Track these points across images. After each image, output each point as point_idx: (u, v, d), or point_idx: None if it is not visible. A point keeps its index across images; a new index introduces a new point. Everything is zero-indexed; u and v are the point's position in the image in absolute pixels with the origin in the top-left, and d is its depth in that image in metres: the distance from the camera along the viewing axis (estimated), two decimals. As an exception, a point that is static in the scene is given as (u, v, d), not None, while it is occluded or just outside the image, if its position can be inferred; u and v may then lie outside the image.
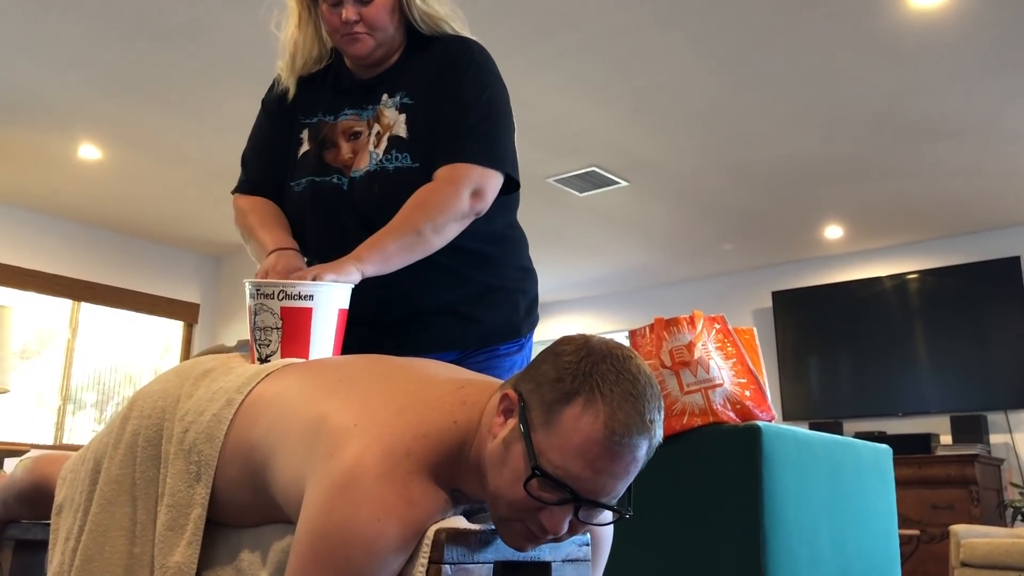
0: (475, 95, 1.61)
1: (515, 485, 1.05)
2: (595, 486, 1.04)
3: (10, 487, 1.66)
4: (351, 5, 1.60)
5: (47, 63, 4.18)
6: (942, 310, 6.33)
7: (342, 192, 1.62)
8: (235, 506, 1.25)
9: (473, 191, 1.53)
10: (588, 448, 1.03)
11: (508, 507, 1.07)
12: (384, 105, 1.66)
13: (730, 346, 2.48)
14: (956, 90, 4.26)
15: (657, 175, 5.39)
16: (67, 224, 6.54)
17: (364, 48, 1.63)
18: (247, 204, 1.71)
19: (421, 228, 1.49)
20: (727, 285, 7.47)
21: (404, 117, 1.63)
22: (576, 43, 3.89)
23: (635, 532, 2.32)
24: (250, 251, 1.68)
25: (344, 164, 1.64)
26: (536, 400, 1.08)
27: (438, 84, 1.63)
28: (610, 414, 1.04)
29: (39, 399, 6.47)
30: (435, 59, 1.66)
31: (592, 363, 1.08)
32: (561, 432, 1.04)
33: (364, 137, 1.65)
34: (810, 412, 6.77)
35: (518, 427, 1.08)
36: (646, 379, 1.09)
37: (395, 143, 1.61)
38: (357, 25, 1.61)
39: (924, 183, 5.45)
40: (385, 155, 1.61)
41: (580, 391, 1.05)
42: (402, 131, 1.62)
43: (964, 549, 4.64)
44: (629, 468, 1.05)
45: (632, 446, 1.04)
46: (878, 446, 2.74)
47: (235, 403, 1.27)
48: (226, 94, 4.42)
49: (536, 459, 1.04)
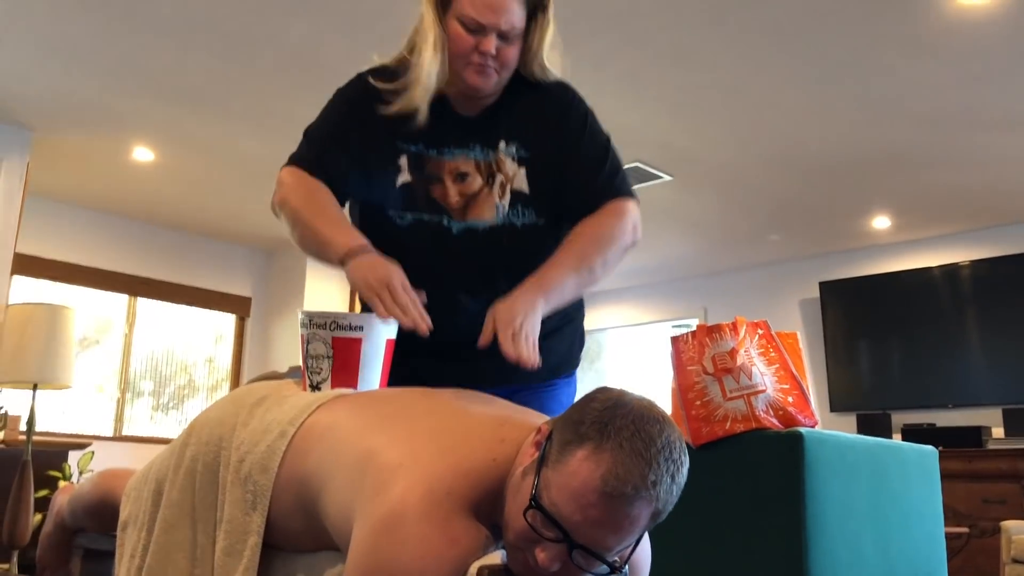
0: (603, 139, 1.65)
1: (520, 513, 1.09)
2: (587, 533, 1.06)
3: (78, 499, 1.75)
4: (494, 38, 1.54)
5: (102, 71, 4.31)
6: (994, 300, 6.23)
7: (451, 236, 1.59)
8: (289, 532, 1.31)
9: (634, 224, 1.60)
10: (583, 494, 1.05)
11: (513, 534, 1.11)
12: (502, 153, 1.62)
13: (773, 351, 2.49)
14: (1003, 83, 4.19)
15: (702, 169, 5.38)
16: (123, 222, 6.72)
17: (489, 84, 1.58)
18: (306, 181, 1.59)
19: (594, 265, 1.54)
20: (774, 275, 7.43)
21: (524, 171, 1.61)
22: (621, 41, 3.91)
23: (677, 537, 2.36)
24: (296, 230, 1.57)
25: (452, 207, 1.60)
26: (557, 438, 1.12)
27: (554, 139, 1.62)
28: (610, 467, 1.05)
29: (99, 388, 6.68)
30: (542, 108, 1.64)
31: (614, 415, 1.10)
32: (564, 471, 1.07)
33: (475, 182, 1.61)
34: (859, 404, 6.72)
35: (536, 459, 1.12)
36: (665, 443, 1.09)
37: (519, 197, 1.61)
38: (492, 59, 1.56)
39: (973, 173, 5.37)
40: (511, 209, 1.60)
41: (592, 438, 1.08)
42: (524, 186, 1.61)
43: (1015, 545, 4.60)
44: (622, 525, 1.06)
45: (626, 503, 1.05)
46: (923, 447, 2.74)
47: (288, 435, 1.32)
48: (273, 97, 4.52)
49: (538, 492, 1.08)
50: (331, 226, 1.52)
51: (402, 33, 1.78)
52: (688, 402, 2.41)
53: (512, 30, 1.56)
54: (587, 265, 1.53)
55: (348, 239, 1.49)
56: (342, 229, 1.52)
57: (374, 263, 1.44)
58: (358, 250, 1.47)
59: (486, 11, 1.53)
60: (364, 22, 3.75)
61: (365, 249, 1.48)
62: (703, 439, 2.35)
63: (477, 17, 1.53)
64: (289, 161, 1.64)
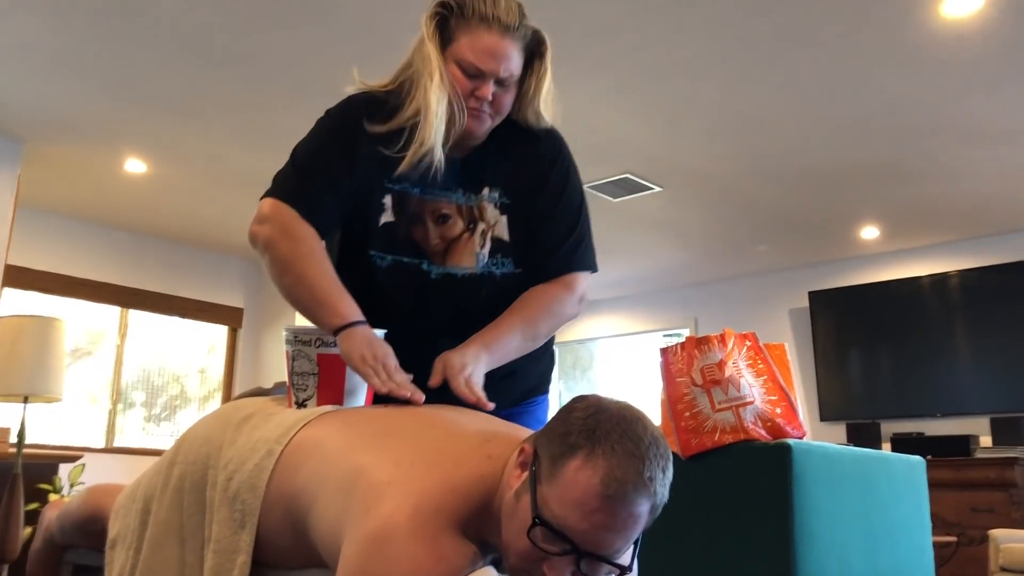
0: (578, 201, 1.68)
1: (521, 535, 1.10)
2: (594, 539, 1.07)
3: (67, 515, 1.76)
4: (492, 84, 1.54)
5: (93, 83, 4.32)
6: (981, 310, 6.28)
7: (429, 280, 1.60)
8: (278, 549, 1.32)
9: (581, 296, 1.66)
10: (585, 501, 1.07)
11: (516, 556, 1.12)
12: (484, 199, 1.62)
13: (761, 363, 2.51)
14: (989, 97, 4.24)
15: (691, 180, 5.42)
16: (115, 234, 6.72)
17: (482, 128, 1.58)
18: (295, 227, 1.53)
19: (539, 332, 1.59)
20: (763, 285, 7.46)
21: (505, 219, 1.62)
22: (611, 54, 3.94)
23: (667, 548, 2.37)
24: (285, 280, 1.52)
25: (432, 250, 1.60)
26: (545, 454, 1.13)
27: (537, 188, 1.64)
28: (608, 470, 1.08)
29: (92, 399, 6.66)
30: (529, 157, 1.65)
31: (598, 421, 1.12)
32: (562, 484, 1.09)
33: (456, 226, 1.61)
34: (848, 413, 6.75)
35: (528, 479, 1.13)
36: (651, 440, 1.12)
37: (499, 246, 1.62)
38: (488, 104, 1.56)
39: (960, 185, 5.42)
40: (491, 258, 1.61)
41: (583, 446, 1.10)
42: (504, 234, 1.62)
43: (1003, 554, 4.62)
44: (627, 524, 1.08)
45: (628, 502, 1.07)
46: (911, 458, 2.76)
47: (275, 453, 1.33)
48: (264, 110, 4.54)
49: (538, 509, 1.09)
50: (330, 291, 1.49)
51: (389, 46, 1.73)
52: (677, 413, 2.43)
53: (510, 77, 1.56)
54: (532, 331, 1.57)
55: (348, 310, 1.47)
56: (342, 297, 1.49)
57: (371, 339, 1.45)
58: (356, 323, 1.46)
59: (486, 58, 1.53)
60: (353, 35, 3.77)
61: (363, 323, 1.47)
62: (692, 450, 2.37)
63: (477, 63, 1.52)
64: (274, 190, 1.58)
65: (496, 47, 1.53)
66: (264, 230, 1.54)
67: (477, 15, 1.53)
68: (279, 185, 1.59)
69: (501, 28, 1.53)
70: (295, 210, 1.54)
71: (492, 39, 1.53)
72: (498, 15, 1.53)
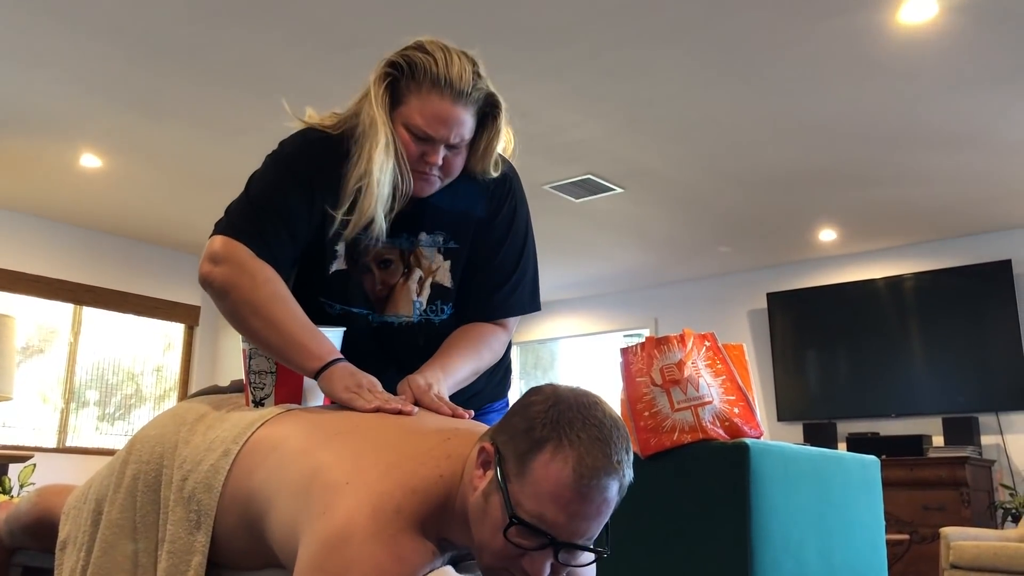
0: (519, 245, 1.65)
1: (496, 535, 1.10)
2: (570, 529, 1.08)
3: (16, 518, 1.71)
4: (442, 150, 1.49)
5: (49, 76, 4.24)
6: (935, 312, 6.40)
7: (371, 328, 1.57)
8: (234, 550, 1.30)
9: (508, 340, 1.69)
10: (560, 493, 1.07)
11: (492, 556, 1.12)
12: (423, 244, 1.57)
13: (719, 363, 2.54)
14: (944, 102, 4.32)
15: (652, 182, 5.45)
16: (69, 229, 6.60)
17: (430, 190, 1.53)
18: (254, 268, 1.45)
19: (481, 368, 1.59)
20: (723, 286, 7.54)
21: (448, 264, 1.59)
22: (573, 56, 3.95)
23: (624, 546, 2.39)
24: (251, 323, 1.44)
25: (377, 297, 1.58)
26: (510, 451, 1.13)
27: (484, 231, 1.60)
28: (578, 459, 1.08)
29: (43, 397, 6.53)
30: (476, 197, 1.60)
31: (559, 411, 1.12)
32: (533, 480, 1.09)
33: (397, 271, 1.57)
34: (805, 413, 6.84)
35: (495, 479, 1.12)
36: (612, 422, 1.14)
37: (439, 292, 1.59)
38: (436, 169, 1.51)
39: (916, 189, 5.52)
40: (430, 305, 1.58)
41: (549, 439, 1.10)
42: (446, 279, 1.59)
43: (954, 551, 4.72)
44: (601, 509, 1.10)
45: (602, 488, 1.09)
46: (865, 457, 2.80)
47: (232, 454, 1.31)
48: (221, 105, 4.49)
49: (512, 508, 1.09)
50: (301, 333, 1.43)
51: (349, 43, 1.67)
52: (637, 413, 2.45)
53: (461, 142, 1.50)
54: (477, 365, 1.58)
55: (323, 350, 1.42)
56: (314, 337, 1.44)
57: (352, 372, 1.41)
58: (334, 362, 1.42)
59: (437, 124, 1.46)
60: (313, 31, 3.74)
61: (340, 360, 1.43)
62: (651, 450, 2.38)
63: (426, 129, 1.46)
64: (227, 226, 1.49)
65: (448, 114, 1.46)
66: (221, 272, 1.45)
67: (429, 79, 1.45)
68: (233, 221, 1.49)
69: (453, 94, 1.46)
70: (251, 249, 1.46)
71: (443, 105, 1.46)
72: (451, 79, 1.46)
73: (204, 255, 1.48)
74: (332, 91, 4.19)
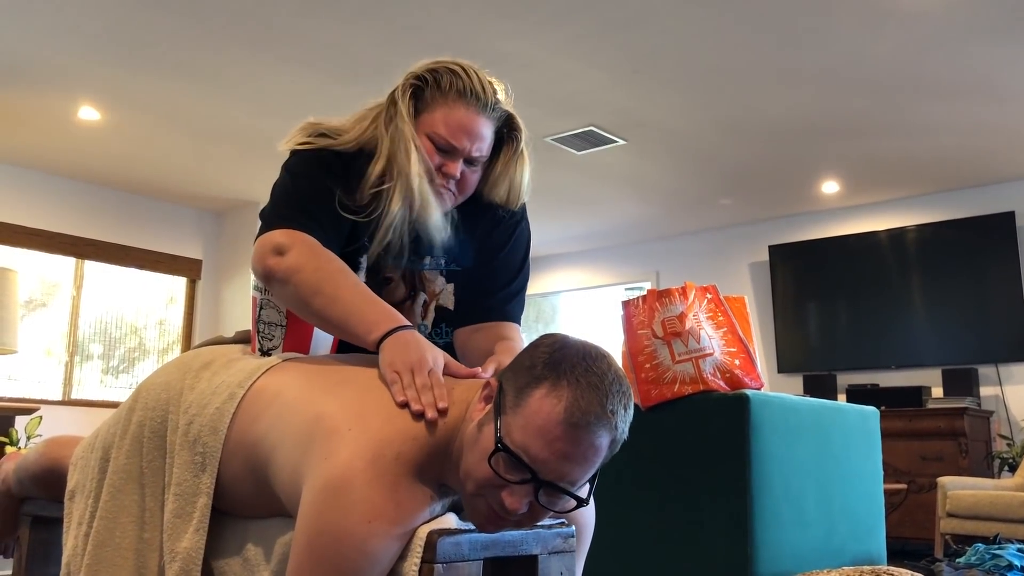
0: (523, 259, 1.65)
1: (482, 462, 1.13)
2: (554, 468, 1.10)
3: (25, 468, 1.74)
4: (461, 163, 1.50)
5: (46, 27, 4.19)
6: (937, 264, 6.40)
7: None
8: (240, 498, 1.33)
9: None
10: (548, 429, 1.09)
11: (474, 484, 1.14)
12: (427, 268, 1.57)
13: (721, 315, 2.54)
14: (949, 52, 4.27)
15: (654, 133, 5.42)
16: (69, 183, 6.58)
17: (446, 206, 1.52)
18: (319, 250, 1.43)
19: None
20: (724, 239, 7.52)
21: (452, 287, 1.59)
22: (574, 5, 3.90)
23: (625, 495, 2.42)
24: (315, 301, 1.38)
25: None
26: (510, 386, 1.16)
27: (488, 255, 1.60)
28: (572, 400, 1.10)
29: (47, 351, 6.57)
30: (483, 222, 1.60)
31: (564, 355, 1.15)
32: (525, 412, 1.11)
33: (398, 290, 1.56)
34: (806, 365, 6.87)
35: (492, 409, 1.15)
36: (614, 376, 1.15)
37: (443, 315, 1.59)
38: (454, 183, 1.51)
39: (919, 140, 5.48)
40: (434, 328, 1.58)
41: (548, 377, 1.13)
42: (450, 302, 1.59)
43: (950, 500, 4.78)
44: (587, 455, 1.11)
45: (590, 431, 1.10)
46: (865, 408, 2.82)
47: (237, 397, 1.33)
48: (224, 57, 4.44)
49: (501, 437, 1.11)
50: (363, 302, 1.38)
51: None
52: (638, 365, 2.46)
53: (480, 157, 1.52)
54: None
55: (384, 320, 1.36)
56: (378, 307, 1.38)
57: (408, 343, 1.31)
58: (395, 331, 1.34)
59: (460, 134, 1.48)
60: (316, -19, 3.69)
61: (405, 327, 1.36)
62: (652, 401, 2.40)
63: (449, 138, 1.47)
64: (275, 223, 1.45)
65: (472, 123, 1.48)
66: (289, 258, 1.40)
67: (455, 89, 1.48)
68: (282, 215, 1.46)
69: (479, 105, 1.49)
70: (305, 233, 1.43)
71: (468, 114, 1.48)
72: (476, 90, 1.49)
73: (263, 251, 1.43)
74: (329, 42, 4.15)
